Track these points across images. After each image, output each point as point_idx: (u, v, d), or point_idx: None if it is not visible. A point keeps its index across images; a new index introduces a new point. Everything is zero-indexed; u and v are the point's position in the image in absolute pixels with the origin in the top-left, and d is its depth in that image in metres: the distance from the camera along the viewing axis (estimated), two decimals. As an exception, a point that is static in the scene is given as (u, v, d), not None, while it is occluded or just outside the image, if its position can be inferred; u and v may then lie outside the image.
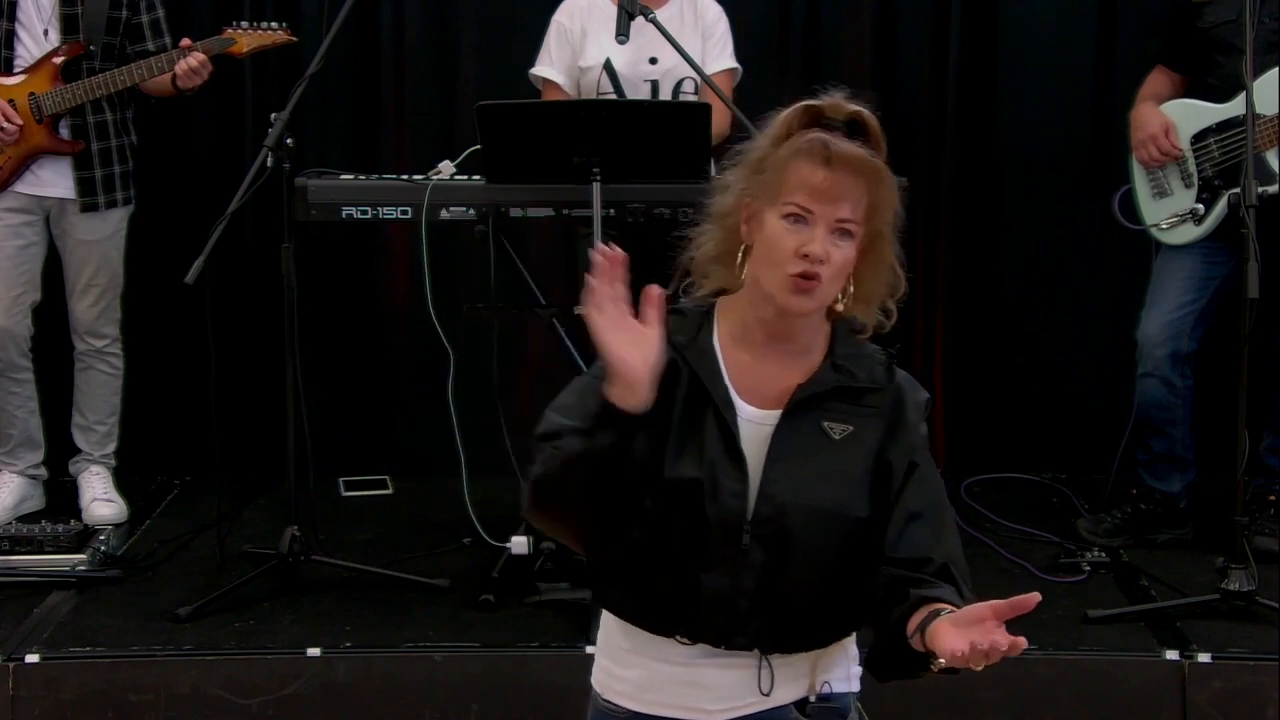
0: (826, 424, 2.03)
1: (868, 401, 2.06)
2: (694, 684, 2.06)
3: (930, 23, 4.93)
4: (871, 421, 2.05)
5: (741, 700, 2.06)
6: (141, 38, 4.28)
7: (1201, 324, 4.14)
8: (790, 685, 2.07)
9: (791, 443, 2.02)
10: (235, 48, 4.18)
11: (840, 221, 1.98)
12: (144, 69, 4.15)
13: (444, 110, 4.96)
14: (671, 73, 4.05)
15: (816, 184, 1.97)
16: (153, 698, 3.43)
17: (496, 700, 3.46)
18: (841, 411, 2.04)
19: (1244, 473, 3.64)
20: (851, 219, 1.98)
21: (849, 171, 1.98)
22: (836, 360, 2.06)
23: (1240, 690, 3.40)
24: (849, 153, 1.98)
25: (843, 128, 2.02)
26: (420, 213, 3.83)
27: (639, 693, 2.10)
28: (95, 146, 4.24)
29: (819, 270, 1.97)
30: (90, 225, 4.29)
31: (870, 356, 2.09)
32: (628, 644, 2.11)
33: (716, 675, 2.05)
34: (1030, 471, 4.91)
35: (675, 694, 2.07)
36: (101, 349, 4.43)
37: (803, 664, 2.08)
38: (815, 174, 1.98)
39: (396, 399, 5.01)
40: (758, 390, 2.05)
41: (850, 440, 2.03)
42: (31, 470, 4.48)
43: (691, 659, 2.05)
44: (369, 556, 4.06)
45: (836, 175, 1.97)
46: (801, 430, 2.03)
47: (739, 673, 2.05)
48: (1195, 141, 4.07)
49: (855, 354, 2.08)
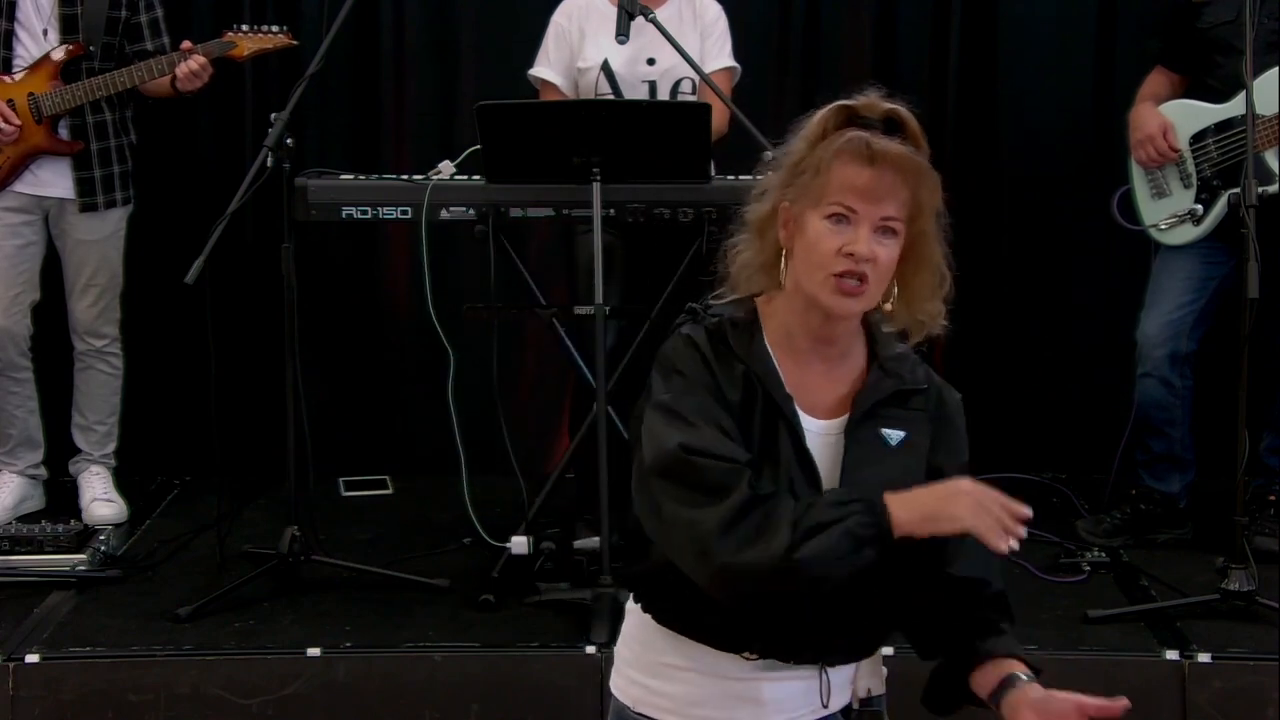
0: (884, 430, 2.01)
1: (914, 404, 2.04)
2: (749, 699, 2.02)
3: (930, 23, 4.94)
4: (920, 425, 2.04)
5: (796, 712, 2.04)
6: (140, 37, 4.28)
7: (1201, 324, 4.13)
8: (840, 693, 2.07)
9: (859, 453, 1.99)
10: (236, 51, 4.18)
11: (885, 220, 1.94)
12: (144, 70, 4.15)
13: (444, 110, 4.96)
14: (670, 73, 4.05)
15: (860, 183, 1.93)
16: (153, 698, 3.42)
17: (496, 700, 3.46)
18: (894, 416, 2.02)
19: (1244, 473, 3.64)
20: (896, 217, 1.95)
21: (892, 169, 1.94)
22: (884, 364, 2.04)
23: (1240, 690, 3.40)
24: (892, 150, 1.94)
25: (880, 126, 1.99)
26: (420, 213, 3.83)
27: (685, 708, 2.05)
28: (94, 147, 4.24)
29: (864, 270, 1.93)
30: (89, 225, 4.29)
31: (909, 357, 2.07)
32: (677, 659, 2.05)
33: (774, 689, 2.02)
34: (1030, 471, 4.90)
35: (728, 708, 2.03)
36: (101, 349, 4.43)
37: (850, 670, 2.08)
38: (860, 173, 1.94)
39: (396, 399, 5.01)
40: (812, 400, 2.01)
41: (906, 445, 2.02)
42: (31, 470, 4.48)
43: (751, 674, 2.01)
44: (369, 556, 4.06)
45: (880, 173, 1.94)
46: (863, 439, 2.00)
47: (797, 684, 2.03)
48: (1194, 142, 4.07)
49: (897, 355, 2.05)
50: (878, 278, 1.95)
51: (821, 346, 2.02)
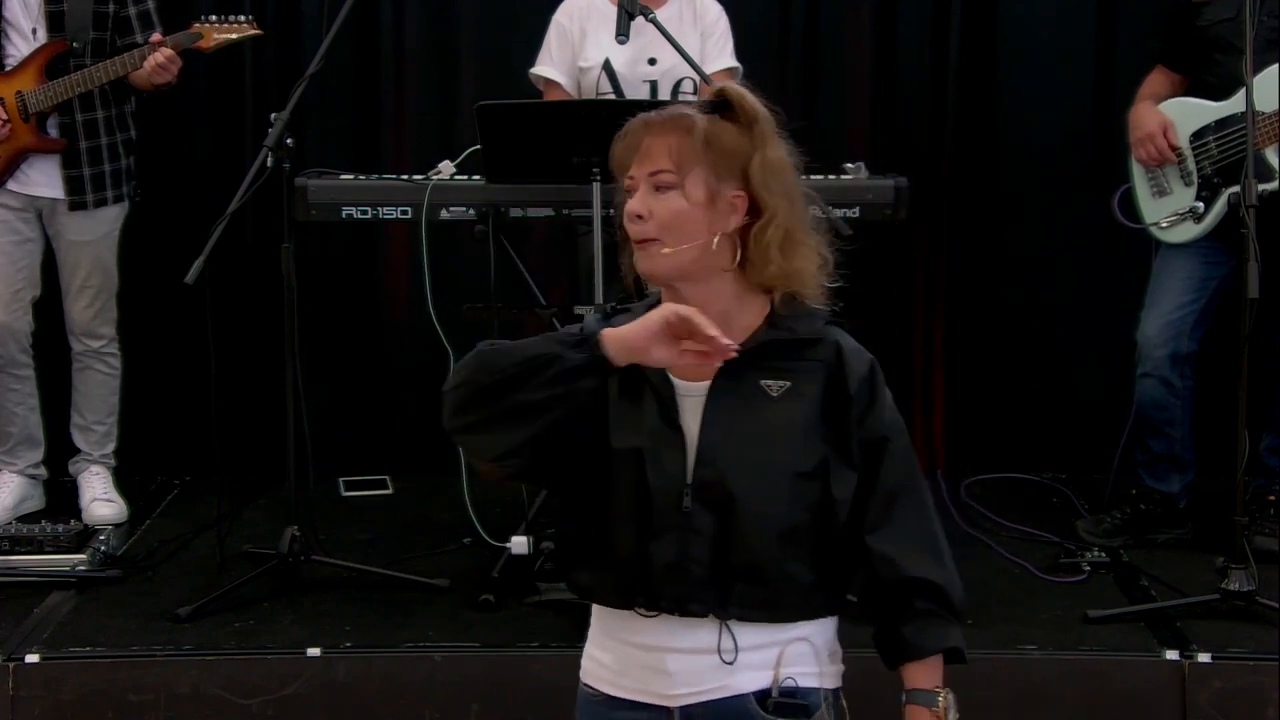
0: (764, 382, 2.05)
1: (808, 355, 2.07)
2: (659, 670, 2.07)
3: (930, 22, 4.94)
4: (811, 374, 2.06)
5: (702, 685, 2.06)
6: (130, 30, 4.26)
7: (1201, 324, 4.13)
8: (752, 673, 2.07)
9: (729, 405, 2.04)
10: (202, 42, 4.16)
11: (653, 175, 2.03)
12: (118, 65, 4.13)
13: (444, 110, 4.96)
14: (670, 73, 4.05)
15: (620, 154, 2.07)
16: (153, 698, 3.43)
17: (496, 700, 3.46)
18: (780, 368, 2.06)
19: (1244, 473, 3.63)
20: (662, 169, 2.03)
21: (643, 132, 2.05)
22: (776, 321, 2.08)
23: (1240, 690, 3.40)
24: (641, 118, 2.07)
25: (706, 107, 2.10)
26: (420, 213, 3.83)
27: (614, 677, 2.12)
28: (84, 145, 4.23)
29: (644, 229, 2.03)
30: (81, 226, 4.29)
31: (813, 315, 2.10)
32: (601, 629, 2.15)
33: (678, 660, 2.06)
34: (1030, 471, 4.91)
35: (642, 678, 2.09)
36: (99, 349, 4.43)
37: (768, 653, 2.07)
38: (621, 147, 2.08)
39: (396, 399, 5.01)
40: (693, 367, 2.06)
41: (789, 395, 2.05)
42: (31, 470, 4.48)
43: (656, 644, 2.07)
44: (369, 556, 4.06)
45: (632, 140, 2.06)
46: (740, 392, 2.04)
47: (702, 657, 2.05)
48: (1194, 140, 4.07)
49: (797, 314, 2.09)
50: (665, 230, 2.03)
51: None
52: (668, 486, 2.03)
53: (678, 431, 2.04)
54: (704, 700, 2.06)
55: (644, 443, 2.04)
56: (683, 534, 2.02)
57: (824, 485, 2.03)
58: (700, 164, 2.03)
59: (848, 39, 4.98)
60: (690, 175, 2.03)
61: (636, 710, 2.09)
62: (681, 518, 2.02)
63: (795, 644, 2.08)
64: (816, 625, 2.10)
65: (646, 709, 2.09)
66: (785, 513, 2.02)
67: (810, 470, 2.03)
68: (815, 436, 2.04)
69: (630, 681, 2.10)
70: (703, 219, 2.03)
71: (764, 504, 2.01)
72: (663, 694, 2.07)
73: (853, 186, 3.87)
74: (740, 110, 2.08)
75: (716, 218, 2.04)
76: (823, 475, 2.04)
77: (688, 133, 2.04)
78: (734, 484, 2.01)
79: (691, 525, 2.02)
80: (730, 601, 2.03)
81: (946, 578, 2.07)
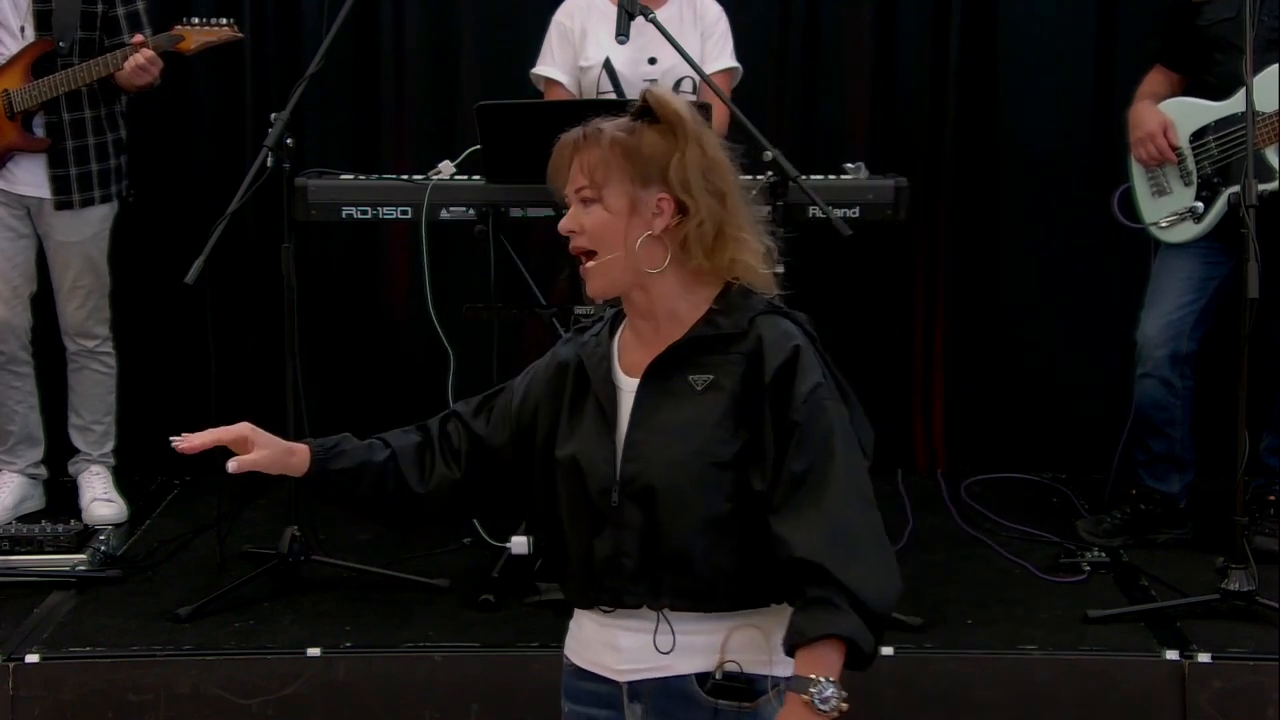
0: (691, 377, 2.12)
1: (733, 349, 2.12)
2: (610, 644, 2.17)
3: (930, 23, 4.93)
4: (731, 367, 2.11)
5: (644, 663, 2.14)
6: (118, 31, 4.25)
7: (1201, 324, 4.13)
8: (693, 656, 2.12)
9: (654, 403, 2.12)
10: (183, 44, 4.15)
11: (577, 191, 2.15)
12: (100, 65, 4.12)
13: (444, 110, 4.96)
14: (671, 72, 4.05)
15: (554, 176, 2.19)
16: (153, 698, 3.43)
17: (496, 700, 3.46)
18: (706, 363, 2.12)
19: (1244, 473, 3.64)
20: (582, 185, 2.14)
21: (560, 152, 2.17)
22: (711, 317, 2.14)
23: (1240, 690, 3.40)
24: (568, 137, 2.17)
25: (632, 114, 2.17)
26: (420, 213, 3.83)
27: (580, 649, 2.24)
28: (70, 144, 4.23)
29: (578, 243, 2.15)
30: (69, 226, 4.28)
31: (746, 308, 2.14)
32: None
33: (625, 637, 2.15)
34: (1030, 471, 4.91)
35: (598, 652, 2.20)
36: (93, 349, 4.43)
37: (712, 638, 2.12)
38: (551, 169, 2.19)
39: (396, 399, 5.00)
40: (637, 363, 2.16)
41: (710, 388, 2.11)
42: (31, 469, 4.48)
43: (609, 621, 2.17)
44: (369, 556, 4.06)
45: (559, 160, 2.17)
46: (667, 389, 2.12)
47: (643, 636, 2.13)
48: (1194, 139, 4.07)
49: (731, 307, 2.14)
50: (595, 242, 2.14)
51: (644, 319, 2.18)
52: (601, 485, 2.12)
53: (611, 430, 2.14)
54: (648, 678, 2.15)
55: (581, 447, 2.15)
56: (615, 529, 2.11)
57: (744, 475, 2.08)
58: (617, 174, 2.12)
59: (848, 39, 4.97)
60: (608, 187, 2.13)
61: (595, 682, 2.20)
62: (613, 513, 2.10)
63: (743, 630, 2.12)
64: (767, 614, 2.13)
65: (602, 681, 2.20)
66: (707, 503, 2.08)
67: (728, 460, 2.08)
68: (732, 427, 2.09)
69: (591, 654, 2.21)
70: (623, 227, 2.12)
71: (684, 495, 2.08)
72: (613, 668, 2.18)
73: (853, 186, 3.87)
74: (661, 114, 2.14)
75: (639, 223, 2.12)
76: (741, 465, 2.08)
77: (600, 146, 2.13)
78: (655, 477, 2.09)
79: (622, 520, 2.10)
80: (661, 592, 2.11)
81: (840, 563, 1.99)
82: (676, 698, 2.13)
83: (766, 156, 3.62)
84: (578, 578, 2.18)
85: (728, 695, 2.11)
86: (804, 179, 3.64)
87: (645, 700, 2.15)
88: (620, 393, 2.16)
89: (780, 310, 2.16)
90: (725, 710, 2.12)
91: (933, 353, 5.04)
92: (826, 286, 4.75)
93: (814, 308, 2.26)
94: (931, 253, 4.99)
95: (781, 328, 2.12)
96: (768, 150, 3.62)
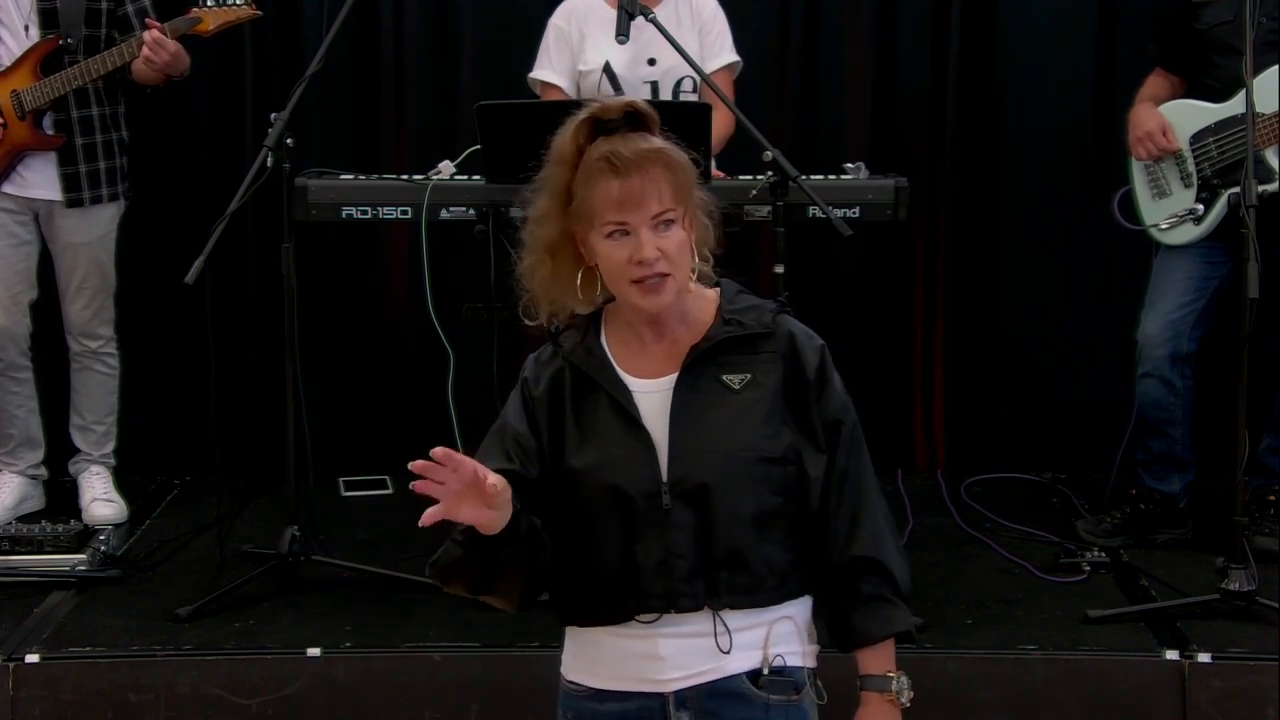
0: (725, 377, 2.13)
1: (764, 348, 2.14)
2: (650, 656, 2.11)
3: (930, 22, 4.93)
4: (768, 365, 2.13)
5: (693, 668, 2.11)
6: (129, 27, 4.25)
7: (1201, 324, 4.14)
8: (744, 655, 2.12)
9: (692, 401, 2.11)
10: (201, 26, 4.14)
11: (655, 217, 2.07)
12: (115, 55, 4.12)
13: (444, 110, 4.96)
14: (671, 72, 4.05)
15: (618, 198, 2.06)
16: (153, 698, 3.43)
17: (496, 700, 3.46)
18: (738, 362, 2.13)
19: (1244, 473, 3.64)
20: (666, 208, 2.07)
21: (640, 171, 2.06)
22: (726, 315, 2.15)
23: (1240, 690, 3.40)
24: (633, 153, 2.06)
25: (623, 123, 2.11)
26: (420, 213, 3.83)
27: (601, 670, 2.16)
28: (79, 141, 4.23)
29: (660, 267, 2.07)
30: (78, 226, 4.28)
31: (760, 306, 2.17)
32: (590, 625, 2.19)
33: (673, 645, 2.10)
34: (1030, 471, 4.91)
35: (635, 666, 2.12)
36: (97, 350, 4.43)
37: (758, 634, 2.12)
38: (613, 188, 2.06)
39: (396, 399, 5.01)
40: (646, 367, 2.14)
41: (750, 386, 2.12)
42: (31, 470, 4.48)
43: (650, 631, 2.10)
44: (369, 556, 4.06)
45: (630, 181, 2.06)
46: (700, 389, 2.11)
47: (695, 641, 2.10)
48: (1194, 141, 4.07)
49: (744, 307, 2.17)
50: (675, 264, 2.08)
51: (657, 325, 2.15)
52: (646, 489, 2.08)
53: (643, 432, 2.10)
54: (697, 683, 2.11)
55: (605, 453, 2.10)
56: (665, 532, 2.08)
57: (794, 469, 2.11)
58: (682, 190, 2.10)
59: (848, 39, 4.97)
60: (680, 207, 2.09)
61: (625, 700, 2.14)
62: (662, 516, 2.08)
63: (781, 623, 2.14)
64: (798, 605, 2.16)
65: (636, 698, 2.13)
66: (758, 498, 2.09)
67: (779, 455, 2.10)
68: (780, 423, 2.11)
69: (619, 671, 2.14)
70: (690, 243, 2.12)
71: (737, 492, 2.08)
72: (655, 680, 2.12)
73: (853, 186, 3.87)
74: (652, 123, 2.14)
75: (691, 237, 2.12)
76: (793, 459, 2.11)
77: (672, 168, 2.09)
78: (708, 475, 2.07)
79: (672, 522, 2.07)
80: (719, 591, 2.09)
81: (892, 558, 2.13)
82: (727, 698, 2.11)
83: (766, 156, 3.62)
84: (613, 592, 2.11)
85: (778, 690, 2.12)
86: (804, 179, 3.64)
87: (692, 705, 2.11)
88: (637, 395, 2.13)
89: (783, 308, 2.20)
90: (776, 705, 2.12)
91: (933, 353, 5.04)
92: (826, 286, 4.75)
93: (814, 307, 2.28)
94: (931, 253, 4.99)
95: (800, 327, 2.18)
96: (768, 150, 3.62)
